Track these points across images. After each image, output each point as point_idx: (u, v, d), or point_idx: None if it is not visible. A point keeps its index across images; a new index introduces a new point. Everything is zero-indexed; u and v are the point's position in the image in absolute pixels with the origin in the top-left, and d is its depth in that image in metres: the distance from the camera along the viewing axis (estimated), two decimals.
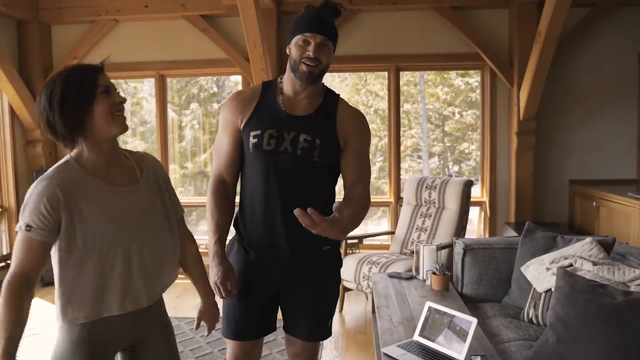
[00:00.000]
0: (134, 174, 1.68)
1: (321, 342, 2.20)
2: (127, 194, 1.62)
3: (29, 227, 1.48)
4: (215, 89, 7.14)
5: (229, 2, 4.84)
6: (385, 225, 5.68)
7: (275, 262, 1.99)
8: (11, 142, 5.25)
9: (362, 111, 2.04)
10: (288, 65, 1.92)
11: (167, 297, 4.93)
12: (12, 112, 5.23)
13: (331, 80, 9.96)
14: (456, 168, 10.46)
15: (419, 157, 10.21)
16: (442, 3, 4.94)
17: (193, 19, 5.25)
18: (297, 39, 1.86)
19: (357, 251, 4.56)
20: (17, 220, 1.60)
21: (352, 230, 1.86)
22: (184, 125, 7.08)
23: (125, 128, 1.59)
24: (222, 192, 2.01)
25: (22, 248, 1.49)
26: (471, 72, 7.17)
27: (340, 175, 2.03)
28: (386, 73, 5.36)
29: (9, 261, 5.21)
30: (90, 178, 1.56)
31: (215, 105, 7.03)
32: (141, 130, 9.80)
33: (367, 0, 4.99)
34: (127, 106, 7.14)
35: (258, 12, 4.13)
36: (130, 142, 9.45)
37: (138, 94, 9.61)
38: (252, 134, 1.90)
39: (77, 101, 1.50)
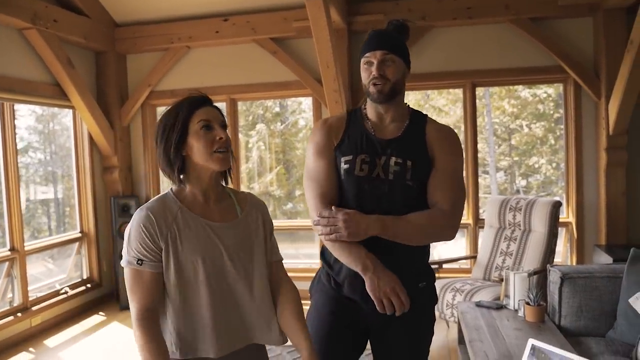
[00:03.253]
0: (233, 211, 1.65)
1: None
2: (223, 231, 1.58)
3: (139, 261, 1.49)
4: (279, 109, 7.15)
5: (299, 24, 4.82)
6: (461, 247, 5.44)
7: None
8: (90, 168, 5.41)
9: None
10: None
11: None
12: (91, 139, 5.39)
13: None
14: (524, 182, 10.03)
15: (485, 172, 9.87)
16: (520, 15, 4.72)
17: (263, 42, 5.25)
18: (361, 63, 1.85)
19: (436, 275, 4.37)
20: (116, 250, 1.58)
21: (400, 239, 1.77)
22: (250, 146, 7.11)
23: (225, 165, 1.55)
24: None
25: (135, 283, 1.50)
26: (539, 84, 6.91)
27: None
28: (460, 90, 5.17)
29: (89, 284, 5.35)
30: (186, 211, 1.55)
31: (280, 126, 7.02)
32: None
33: (440, 16, 4.83)
34: None
35: (331, 33, 4.07)
36: None
37: None
38: (343, 159, 1.84)
39: (170, 137, 1.53)
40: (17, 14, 4.14)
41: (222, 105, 5.91)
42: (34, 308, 4.60)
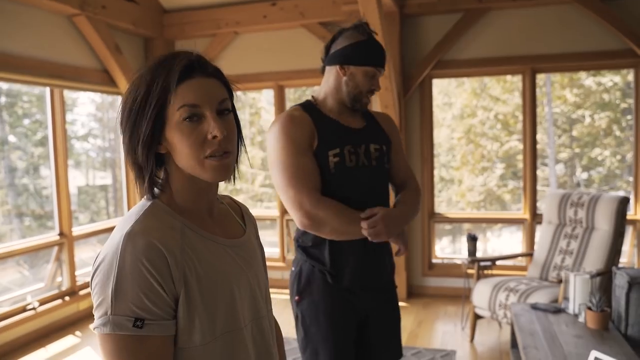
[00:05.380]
0: (236, 223, 1.15)
1: None
2: (233, 252, 1.06)
3: (139, 322, 0.89)
4: None
5: (349, 8, 4.63)
6: (517, 242, 5.14)
7: (369, 285, 1.93)
8: None
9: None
10: (341, 88, 1.89)
11: None
12: None
13: (448, 84, 9.46)
14: (585, 175, 9.51)
15: (544, 164, 9.43)
16: None
17: (311, 27, 5.09)
18: (369, 70, 1.86)
19: (489, 272, 4.13)
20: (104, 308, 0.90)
21: (408, 223, 1.97)
22: None
23: (222, 176, 0.98)
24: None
25: (133, 358, 0.89)
26: (603, 71, 6.49)
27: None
28: (517, 77, 4.85)
29: None
30: (196, 229, 1.00)
31: None
32: (259, 139, 9.92)
33: None
34: (245, 116, 6.97)
35: (382, 17, 3.87)
36: (249, 151, 9.58)
37: (257, 104, 9.74)
38: (330, 152, 1.84)
39: (138, 127, 0.96)
40: (66, 1, 4.13)
41: (269, 93, 5.80)
42: (81, 292, 4.66)
